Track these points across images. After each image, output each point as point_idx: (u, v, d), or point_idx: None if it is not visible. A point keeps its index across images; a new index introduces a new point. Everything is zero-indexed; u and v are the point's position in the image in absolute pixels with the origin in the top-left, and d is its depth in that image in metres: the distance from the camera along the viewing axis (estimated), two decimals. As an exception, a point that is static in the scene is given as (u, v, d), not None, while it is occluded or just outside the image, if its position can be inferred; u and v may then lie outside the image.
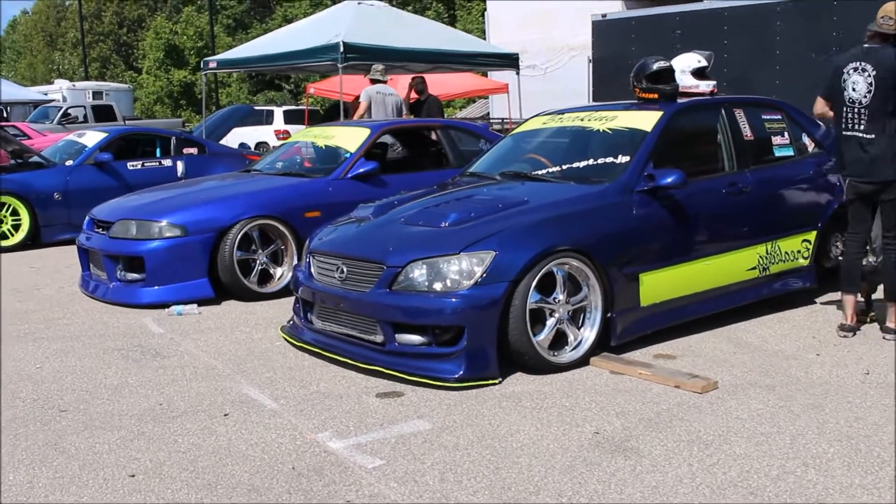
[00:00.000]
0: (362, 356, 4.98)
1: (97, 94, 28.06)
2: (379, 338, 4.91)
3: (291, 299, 6.70)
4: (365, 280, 4.98)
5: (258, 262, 7.04)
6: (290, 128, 23.18)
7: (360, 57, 11.41)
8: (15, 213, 10.03)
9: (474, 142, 8.68)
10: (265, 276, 7.10)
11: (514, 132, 6.87)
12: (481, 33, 23.98)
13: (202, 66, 13.60)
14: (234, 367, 5.10)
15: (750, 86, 11.38)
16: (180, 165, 11.12)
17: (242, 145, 14.17)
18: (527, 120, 6.89)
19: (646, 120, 5.87)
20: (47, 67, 43.86)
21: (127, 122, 24.81)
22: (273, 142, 22.14)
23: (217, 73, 14.21)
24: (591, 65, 13.04)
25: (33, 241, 10.16)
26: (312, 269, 5.44)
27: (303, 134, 8.55)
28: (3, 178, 10.25)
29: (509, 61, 13.41)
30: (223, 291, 6.87)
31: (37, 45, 48.90)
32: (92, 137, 11.10)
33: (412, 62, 12.56)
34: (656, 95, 6.13)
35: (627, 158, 5.61)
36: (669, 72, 6.19)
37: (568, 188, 5.55)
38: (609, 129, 5.96)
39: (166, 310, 6.55)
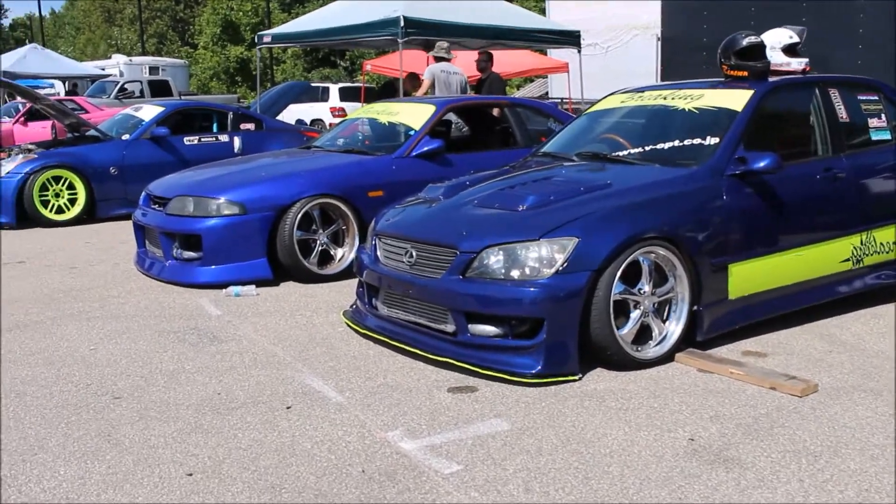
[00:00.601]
0: (432, 346, 4.67)
1: (153, 70, 28.09)
2: (450, 327, 4.60)
3: (353, 282, 6.46)
4: (436, 266, 4.66)
5: (318, 242, 6.77)
6: (345, 105, 22.98)
7: (420, 32, 11.06)
8: (71, 187, 9.90)
9: (542, 121, 8.31)
10: (325, 258, 6.82)
11: (588, 111, 6.48)
12: (541, 11, 23.44)
13: (257, 40, 13.35)
14: (295, 355, 4.83)
15: (828, 65, 10.82)
16: (237, 141, 10.91)
17: (299, 122, 13.96)
18: (602, 98, 6.50)
19: (736, 99, 5.45)
20: (105, 43, 44.20)
21: (182, 97, 24.78)
22: (328, 119, 21.95)
23: (272, 48, 13.92)
24: (659, 43, 12.54)
25: (89, 216, 10.02)
26: (378, 253, 5.13)
27: (364, 110, 8.25)
28: (60, 151, 10.13)
29: (570, 39, 12.94)
30: (281, 272, 6.61)
31: (95, 21, 49.33)
32: (149, 112, 10.93)
33: (472, 38, 12.15)
34: (746, 73, 5.71)
35: (717, 140, 5.20)
36: (760, 48, 5.76)
37: (653, 171, 5.17)
38: (695, 108, 5.55)
39: (223, 290, 6.31)
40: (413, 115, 7.60)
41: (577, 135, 6.26)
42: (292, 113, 20.97)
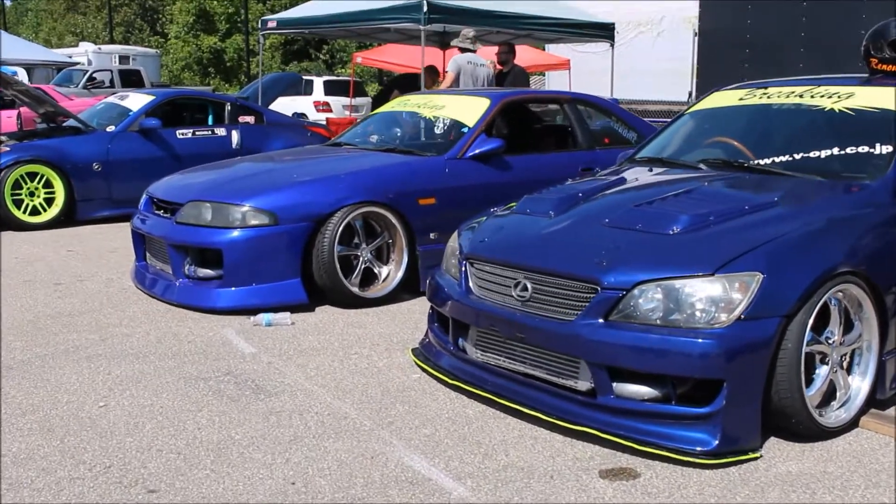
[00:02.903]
0: (557, 409, 3.57)
1: (124, 59, 26.53)
2: (583, 385, 3.51)
3: (404, 307, 5.45)
4: (564, 304, 3.56)
5: (361, 259, 5.63)
6: (330, 99, 21.77)
7: (444, 18, 9.94)
8: (48, 185, 8.62)
9: (603, 119, 7.24)
10: (367, 277, 5.69)
11: (691, 109, 5.42)
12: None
13: (260, 25, 12.11)
14: (372, 416, 3.70)
15: None
16: (235, 135, 9.74)
17: (297, 115, 12.78)
18: (706, 95, 5.44)
19: (900, 98, 4.42)
20: (69, 31, 42.31)
21: (155, 88, 23.36)
22: (312, 114, 20.71)
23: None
24: (696, 38, 11.55)
25: (67, 218, 8.75)
26: (471, 282, 4.02)
27: (400, 102, 7.11)
28: (35, 143, 8.84)
29: (605, 32, 11.89)
30: (315, 295, 5.46)
31: (58, 9, 47.34)
32: (136, 101, 9.67)
33: (500, 28, 11.05)
34: (905, 68, 4.69)
35: (890, 149, 4.17)
36: (916, 38, 4.75)
37: (819, 186, 4.12)
38: (848, 108, 4.51)
39: (251, 318, 5.15)
40: (464, 109, 6.48)
41: (685, 138, 5.21)
42: (278, 107, 19.69)
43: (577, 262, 3.60)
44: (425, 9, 9.61)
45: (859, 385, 3.68)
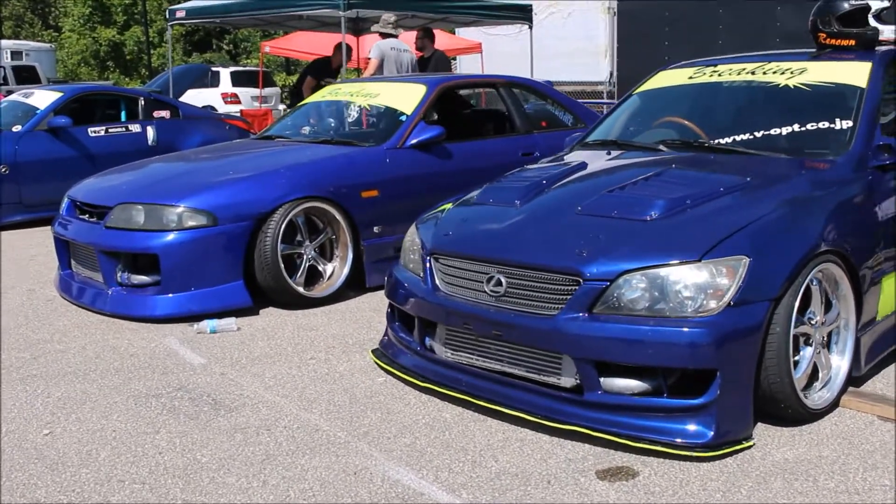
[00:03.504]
0: (542, 408, 3.41)
1: (16, 55, 25.29)
2: (567, 381, 3.36)
3: (350, 304, 5.24)
4: (543, 298, 3.40)
5: (305, 257, 5.37)
6: (238, 90, 21.16)
7: (362, 4, 9.65)
8: (-50, 190, 8.06)
9: (538, 103, 7.12)
10: (311, 275, 5.44)
11: (640, 89, 5.31)
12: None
13: (168, 16, 11.57)
14: (345, 426, 3.47)
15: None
16: (151, 131, 9.31)
17: (207, 108, 12.33)
18: (654, 74, 5.35)
19: (853, 73, 4.40)
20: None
21: (51, 84, 22.33)
22: (220, 106, 20.09)
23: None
24: (614, 18, 11.54)
25: (-27, 226, 8.21)
26: (437, 278, 3.83)
27: (331, 91, 6.83)
28: (-67, 147, 8.24)
29: (522, 14, 11.76)
30: (258, 296, 5.19)
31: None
32: (43, 98, 9.11)
33: (420, 12, 10.82)
34: (853, 42, 4.69)
35: (849, 123, 4.14)
36: (864, 12, 4.77)
37: (787, 164, 4.06)
38: (802, 84, 4.47)
39: (194, 326, 4.85)
40: (400, 96, 6.26)
41: (636, 120, 5.11)
42: (185, 100, 19.03)
43: (555, 253, 3.44)
44: (345, -7, 9.30)
45: (839, 364, 3.65)
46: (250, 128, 10.66)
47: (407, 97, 6.19)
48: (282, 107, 21.54)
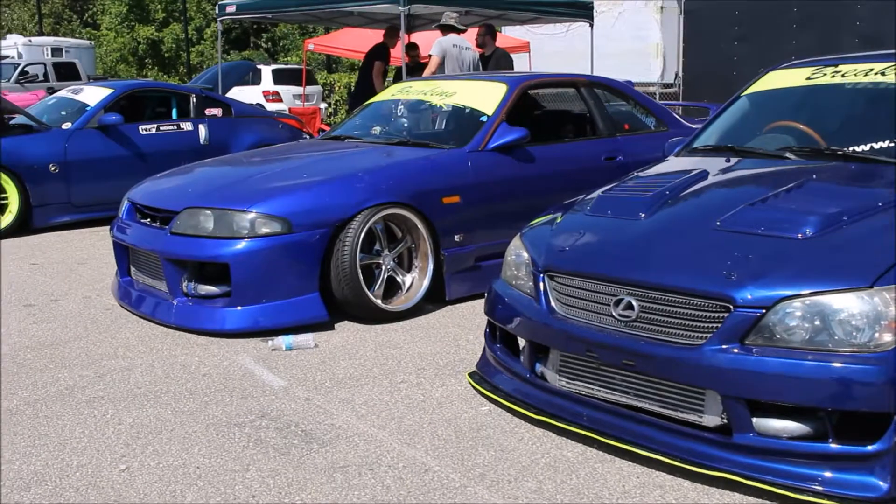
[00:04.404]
0: (682, 450, 3.01)
1: (56, 52, 25.20)
2: (711, 420, 2.95)
3: (431, 321, 4.83)
4: (685, 325, 3.00)
5: (384, 267, 5.00)
6: (280, 88, 20.89)
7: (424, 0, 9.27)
8: (0, 190, 7.77)
9: (619, 104, 6.70)
10: (389, 287, 5.07)
11: (749, 91, 4.88)
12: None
13: (217, 11, 11.26)
14: (456, 466, 3.09)
15: None
16: (203, 130, 8.99)
17: (257, 106, 12.03)
18: (762, 75, 4.92)
19: None
20: (-9, 23, 40.34)
21: (91, 80, 22.19)
22: (263, 104, 19.81)
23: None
24: (680, 17, 11.09)
25: (22, 226, 7.91)
26: (552, 298, 3.43)
27: (401, 89, 6.45)
28: (-17, 144, 7.96)
29: (583, 11, 11.34)
30: (331, 309, 4.83)
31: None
32: (93, 94, 8.82)
33: (480, 8, 10.43)
34: None
35: None
36: None
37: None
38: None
39: (268, 342, 4.49)
40: (479, 95, 5.87)
41: (748, 123, 4.69)
42: (232, 97, 18.78)
43: (698, 274, 3.04)
44: (405, -13, 8.92)
45: None
46: (303, 127, 10.32)
47: (487, 96, 5.81)
48: (323, 105, 21.25)
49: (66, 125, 8.36)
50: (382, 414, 3.57)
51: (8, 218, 7.79)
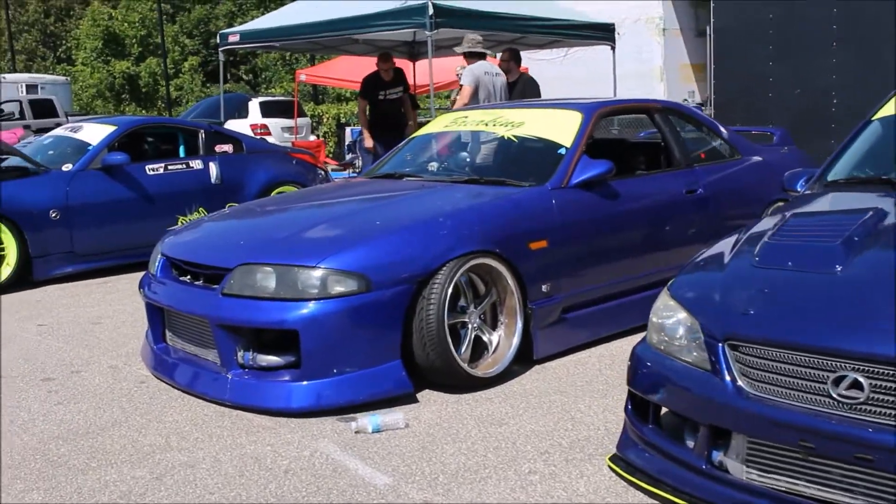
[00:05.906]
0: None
1: (31, 88, 24.37)
2: None
3: (524, 387, 4.15)
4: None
5: (470, 326, 4.32)
6: (268, 121, 20.16)
7: (450, 22, 8.64)
8: (-5, 240, 7.01)
9: (693, 130, 6.10)
10: (476, 348, 4.38)
11: (880, 115, 4.29)
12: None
13: (219, 40, 10.58)
14: None
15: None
16: (214, 167, 8.31)
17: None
18: (892, 96, 4.33)
19: None
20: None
21: (69, 118, 21.39)
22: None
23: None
24: (710, 37, 10.57)
25: (21, 279, 7.14)
26: (735, 373, 2.77)
27: (456, 119, 5.80)
28: (-25, 190, 7.20)
29: (605, 34, 10.81)
30: (414, 377, 4.13)
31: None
32: (94, 132, 8.08)
33: (502, 31, 9.83)
34: None
35: None
36: None
37: None
38: None
39: (351, 424, 3.78)
40: (550, 125, 5.24)
41: (886, 151, 4.08)
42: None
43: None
44: (431, 12, 8.30)
45: None
46: (317, 162, 9.65)
47: (561, 126, 5.17)
48: (312, 137, 20.55)
49: (67, 166, 7.62)
50: (528, 523, 2.88)
51: (6, 270, 7.03)
